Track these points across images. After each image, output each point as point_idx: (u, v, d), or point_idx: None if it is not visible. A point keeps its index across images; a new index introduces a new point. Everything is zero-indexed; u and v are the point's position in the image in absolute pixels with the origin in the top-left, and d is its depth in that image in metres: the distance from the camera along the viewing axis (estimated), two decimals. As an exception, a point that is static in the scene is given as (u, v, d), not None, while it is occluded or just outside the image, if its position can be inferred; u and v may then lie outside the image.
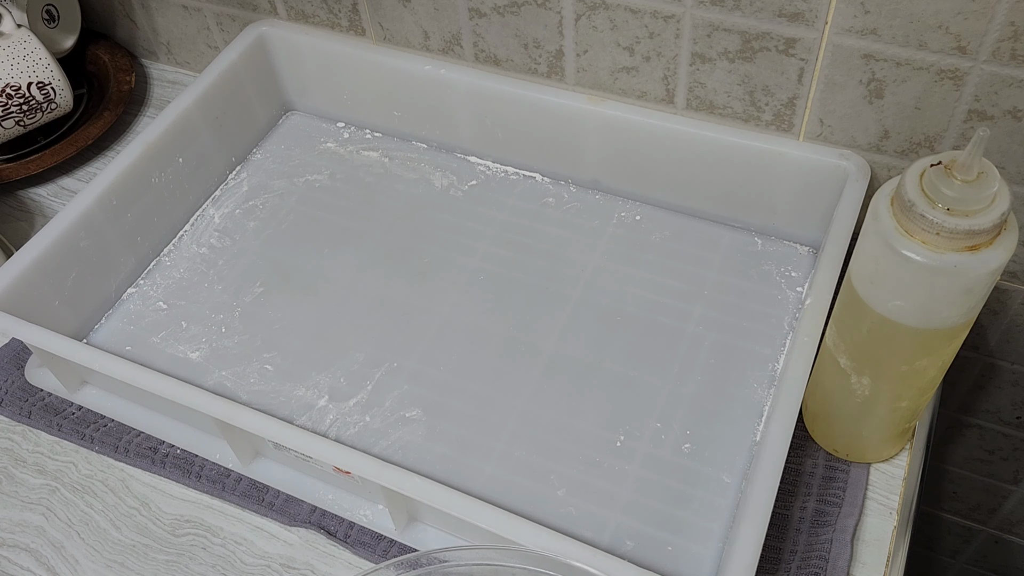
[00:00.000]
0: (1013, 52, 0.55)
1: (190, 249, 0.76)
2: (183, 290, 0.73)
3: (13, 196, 0.84)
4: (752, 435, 0.61)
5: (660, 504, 0.58)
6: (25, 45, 0.82)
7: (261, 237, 0.76)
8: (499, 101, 0.75)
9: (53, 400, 0.68)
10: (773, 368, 0.64)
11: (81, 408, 0.67)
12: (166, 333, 0.70)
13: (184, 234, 0.77)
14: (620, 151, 0.73)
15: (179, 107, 0.75)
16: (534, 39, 0.71)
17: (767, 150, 0.67)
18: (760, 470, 0.51)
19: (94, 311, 0.71)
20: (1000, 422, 0.81)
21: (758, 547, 0.49)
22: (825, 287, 0.59)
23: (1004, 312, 0.71)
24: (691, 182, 0.71)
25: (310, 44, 0.80)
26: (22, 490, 0.64)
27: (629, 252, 0.72)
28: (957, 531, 0.96)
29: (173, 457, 0.64)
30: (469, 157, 0.80)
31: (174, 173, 0.76)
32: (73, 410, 0.67)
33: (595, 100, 0.71)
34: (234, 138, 0.81)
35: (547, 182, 0.78)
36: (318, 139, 0.84)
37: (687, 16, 0.63)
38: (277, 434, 0.56)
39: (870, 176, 0.65)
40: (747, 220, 0.72)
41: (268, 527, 0.61)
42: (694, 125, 0.69)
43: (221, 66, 0.78)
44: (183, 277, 0.74)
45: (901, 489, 0.59)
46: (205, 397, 0.58)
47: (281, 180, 0.81)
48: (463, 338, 0.68)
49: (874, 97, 0.62)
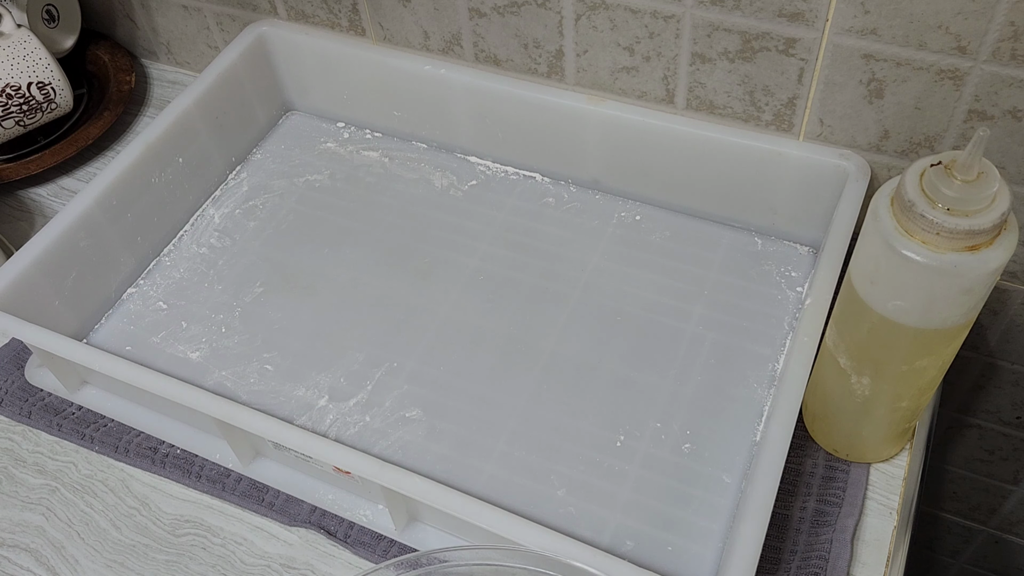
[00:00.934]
0: (1013, 52, 0.55)
1: (190, 249, 0.76)
2: (183, 290, 0.73)
3: (13, 196, 0.84)
4: (752, 435, 0.61)
5: (660, 504, 0.58)
6: (25, 45, 0.82)
7: (261, 237, 0.76)
8: (499, 101, 0.75)
9: (53, 400, 0.68)
10: (773, 368, 0.64)
11: (81, 408, 0.67)
12: (166, 333, 0.70)
13: (184, 234, 0.77)
14: (620, 151, 0.73)
15: (179, 107, 0.75)
16: (534, 39, 0.71)
17: (767, 150, 0.67)
18: (760, 470, 0.51)
19: (94, 311, 0.71)
20: (1000, 422, 0.81)
21: (758, 547, 0.49)
22: (825, 287, 0.59)
23: (1004, 312, 0.71)
24: (691, 182, 0.71)
25: (310, 44, 0.80)
26: (22, 490, 0.64)
27: (629, 252, 0.72)
28: (957, 531, 0.96)
29: (173, 457, 0.64)
30: (469, 157, 0.80)
31: (174, 173, 0.76)
32: (73, 410, 0.67)
33: (595, 100, 0.71)
34: (234, 138, 0.81)
35: (547, 182, 0.78)
36: (318, 139, 0.84)
37: (687, 16, 0.63)
38: (277, 434, 0.56)
39: (870, 176, 0.65)
40: (747, 220, 0.72)
41: (268, 527, 0.61)
42: (694, 125, 0.69)
43: (221, 66, 0.78)
44: (183, 277, 0.74)
45: (901, 489, 0.59)
46: (205, 397, 0.58)
47: (281, 180, 0.81)
48: (463, 338, 0.68)
49: (874, 97, 0.62)
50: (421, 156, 0.81)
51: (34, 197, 0.84)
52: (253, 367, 0.67)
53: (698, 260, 0.70)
